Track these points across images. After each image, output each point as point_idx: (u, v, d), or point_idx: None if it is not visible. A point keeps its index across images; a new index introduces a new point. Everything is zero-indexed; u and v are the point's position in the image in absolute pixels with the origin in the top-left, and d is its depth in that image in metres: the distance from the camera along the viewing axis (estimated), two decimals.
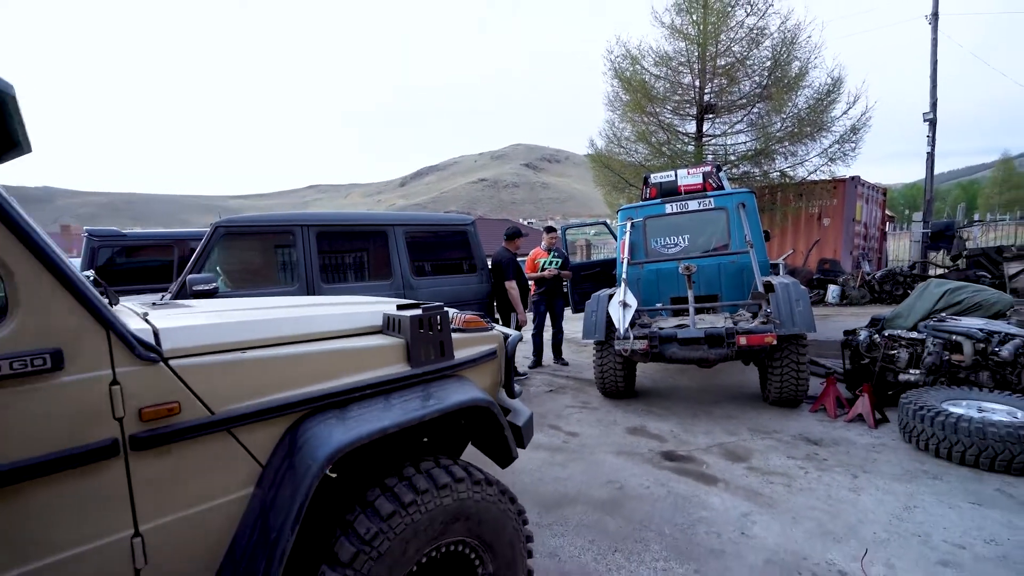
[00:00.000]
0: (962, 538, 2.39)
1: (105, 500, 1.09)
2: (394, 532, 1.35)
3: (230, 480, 1.27)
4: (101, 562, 1.08)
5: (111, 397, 1.09)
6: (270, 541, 1.21)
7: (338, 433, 1.32)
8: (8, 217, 0.99)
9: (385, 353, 1.59)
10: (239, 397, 1.27)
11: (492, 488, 1.62)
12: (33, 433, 1.01)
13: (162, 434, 1.15)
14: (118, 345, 1.11)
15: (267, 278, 4.47)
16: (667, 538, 2.51)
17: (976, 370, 4.01)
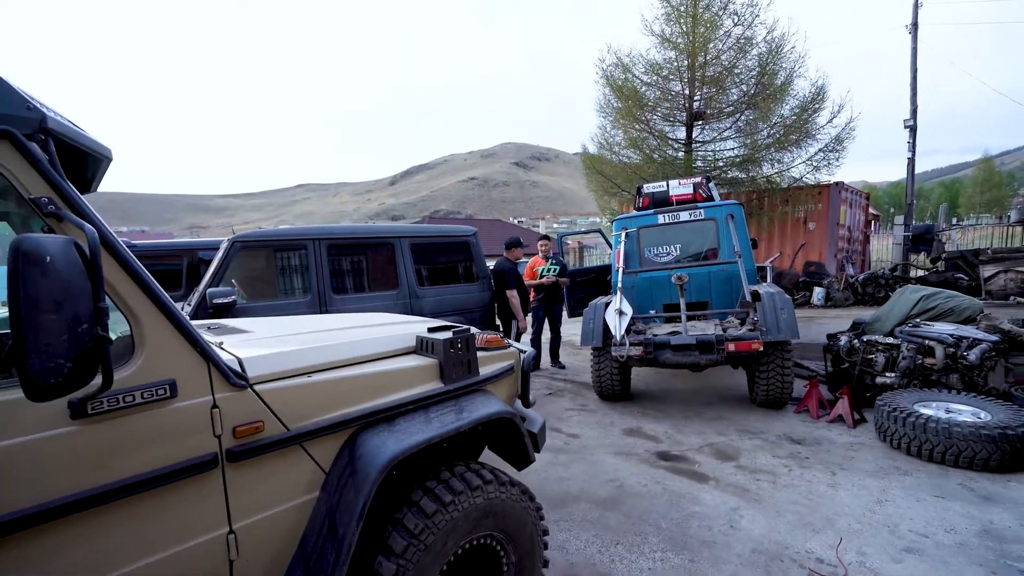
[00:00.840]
0: (926, 528, 2.68)
1: (209, 503, 1.32)
2: (437, 527, 1.59)
3: (301, 485, 1.50)
4: (205, 555, 1.31)
5: (212, 418, 1.32)
6: (338, 536, 1.44)
7: (391, 444, 1.55)
8: (135, 273, 1.21)
9: (423, 372, 1.83)
10: (308, 415, 1.50)
11: (515, 489, 1.86)
12: (156, 449, 1.23)
13: (251, 448, 1.37)
14: (216, 375, 1.33)
15: (281, 290, 4.66)
16: (664, 531, 2.77)
17: (947, 373, 4.33)
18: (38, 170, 1.10)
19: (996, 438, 3.20)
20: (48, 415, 1.10)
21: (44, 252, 0.90)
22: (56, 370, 0.92)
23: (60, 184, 1.12)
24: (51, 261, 0.91)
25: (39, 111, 1.13)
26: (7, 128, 1.07)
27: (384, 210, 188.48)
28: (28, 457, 1.07)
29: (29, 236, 0.90)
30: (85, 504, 1.12)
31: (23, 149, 1.08)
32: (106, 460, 1.16)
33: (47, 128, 1.15)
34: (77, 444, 1.13)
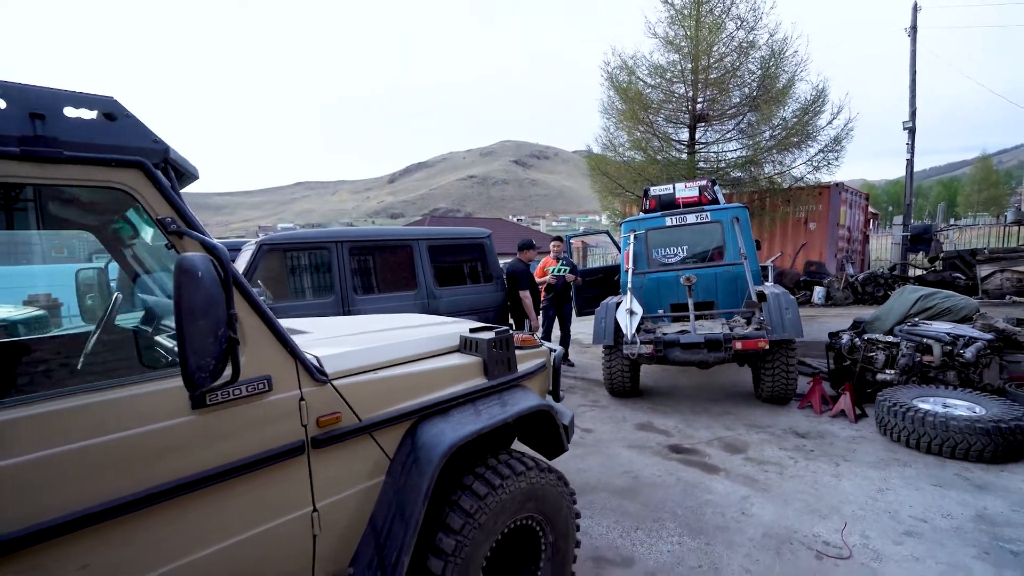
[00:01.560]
0: (924, 513, 2.88)
1: (297, 485, 1.50)
2: (489, 508, 1.78)
3: (370, 470, 1.68)
4: (295, 529, 1.49)
5: (300, 410, 1.50)
6: (406, 514, 1.62)
7: (450, 433, 1.74)
8: (237, 281, 1.39)
9: (470, 369, 2.01)
10: (376, 407, 1.68)
11: (552, 475, 2.05)
12: (256, 436, 1.41)
13: (331, 436, 1.55)
14: (303, 372, 1.51)
15: (306, 290, 4.84)
16: (679, 518, 2.96)
17: (944, 370, 4.53)
18: (163, 195, 1.28)
19: (990, 431, 3.39)
20: (174, 405, 1.28)
21: (196, 268, 1.08)
22: (205, 366, 1.10)
23: (181, 206, 1.31)
24: (201, 276, 1.09)
25: (163, 144, 1.31)
26: (140, 159, 1.25)
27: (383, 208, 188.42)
28: (160, 440, 1.25)
29: (187, 256, 1.09)
30: (203, 483, 1.30)
31: (152, 177, 1.27)
32: (218, 445, 1.34)
33: (168, 158, 1.33)
34: (196, 431, 1.31)
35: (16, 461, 1.05)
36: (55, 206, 1.89)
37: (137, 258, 2.17)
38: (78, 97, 1.19)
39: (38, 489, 1.07)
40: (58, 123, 1.15)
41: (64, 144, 1.15)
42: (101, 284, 2.76)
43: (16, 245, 4.41)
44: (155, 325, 2.13)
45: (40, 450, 1.08)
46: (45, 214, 1.93)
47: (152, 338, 1.90)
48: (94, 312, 2.88)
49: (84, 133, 1.18)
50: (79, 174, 1.19)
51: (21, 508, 1.05)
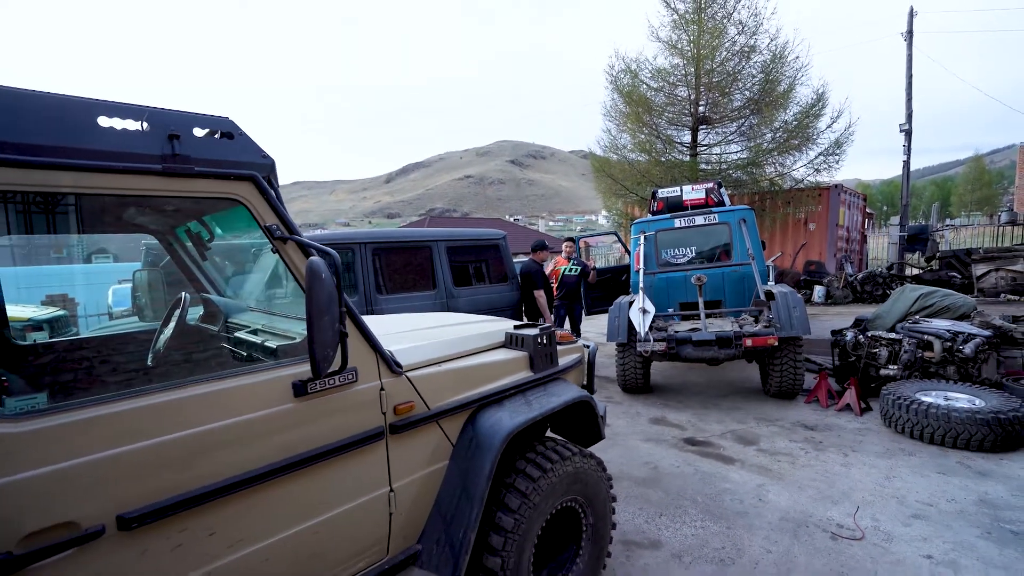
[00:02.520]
0: (930, 498, 3.07)
1: (378, 467, 1.66)
2: (541, 489, 1.94)
3: (437, 454, 1.84)
4: (376, 507, 1.65)
5: (380, 399, 1.66)
6: (471, 493, 1.79)
7: (507, 420, 1.90)
8: None
9: (517, 363, 2.18)
10: (442, 397, 1.85)
11: (593, 460, 2.22)
12: (346, 422, 1.57)
13: (406, 423, 1.72)
14: (382, 364, 1.68)
15: None
16: (700, 505, 3.14)
17: (944, 365, 4.73)
18: (271, 204, 1.44)
19: (990, 422, 3.59)
20: (280, 394, 1.43)
21: (321, 270, 1.24)
22: (328, 356, 1.27)
23: (286, 215, 1.47)
24: (325, 277, 1.25)
25: (270, 159, 1.47)
26: (253, 173, 1.41)
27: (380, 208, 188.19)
28: (267, 426, 1.40)
29: (315, 259, 1.25)
30: (301, 464, 1.46)
31: (261, 188, 1.42)
32: (314, 430, 1.50)
33: (272, 171, 1.49)
34: (297, 417, 1.47)
35: (144, 445, 1.18)
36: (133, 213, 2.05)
37: (197, 262, 2.31)
38: (204, 119, 1.35)
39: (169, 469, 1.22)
40: (189, 142, 1.31)
41: (194, 161, 1.31)
42: (159, 285, 2.90)
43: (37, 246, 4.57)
44: (222, 324, 2.29)
45: (164, 435, 1.21)
46: (119, 219, 2.08)
47: (231, 335, 2.05)
48: (146, 311, 3.02)
49: (209, 150, 1.35)
50: (204, 187, 1.35)
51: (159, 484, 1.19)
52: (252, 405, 1.38)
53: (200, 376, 1.34)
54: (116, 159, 1.20)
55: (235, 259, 2.43)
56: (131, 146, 1.22)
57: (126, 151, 1.22)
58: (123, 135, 1.22)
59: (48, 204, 1.70)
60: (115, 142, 1.21)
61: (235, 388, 1.36)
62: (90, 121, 1.17)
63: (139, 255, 3.66)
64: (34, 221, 1.77)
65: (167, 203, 1.85)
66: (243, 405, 1.36)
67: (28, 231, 1.78)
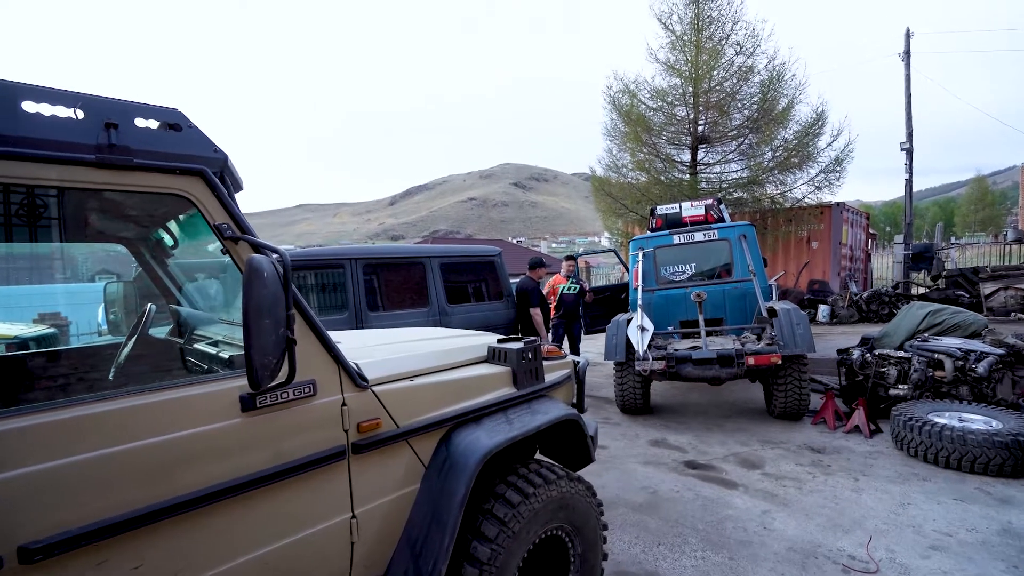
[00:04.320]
0: (948, 527, 2.86)
1: (338, 490, 1.51)
2: (522, 516, 1.78)
3: (406, 477, 1.69)
4: (334, 535, 1.50)
5: (342, 415, 1.52)
6: (442, 521, 1.63)
7: (485, 440, 1.75)
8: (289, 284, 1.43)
9: (500, 378, 2.03)
10: (413, 414, 1.70)
11: (581, 485, 2.05)
12: (301, 440, 1.43)
13: (371, 442, 1.57)
14: (345, 377, 1.54)
15: (320, 306, 4.87)
16: (701, 533, 2.93)
17: (957, 385, 4.53)
18: (221, 202, 1.33)
19: (1009, 444, 3.38)
20: (225, 408, 1.30)
21: (263, 269, 1.12)
22: (268, 364, 1.14)
23: (237, 213, 1.35)
24: (267, 276, 1.13)
25: (223, 153, 1.37)
26: (202, 168, 1.30)
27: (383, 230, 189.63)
28: (209, 443, 1.26)
29: (255, 256, 1.13)
30: (248, 486, 1.31)
31: (211, 184, 1.32)
32: (264, 448, 1.36)
33: (226, 167, 1.38)
34: (244, 433, 1.33)
35: (59, 464, 1.04)
36: (96, 218, 1.94)
37: (170, 271, 2.20)
38: (148, 108, 1.25)
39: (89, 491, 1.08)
40: (129, 132, 1.21)
41: (135, 152, 1.21)
42: (129, 297, 2.79)
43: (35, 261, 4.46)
44: (188, 335, 2.16)
45: (87, 452, 1.08)
46: (86, 226, 1.97)
47: (192, 346, 1.93)
48: (118, 325, 2.90)
49: (152, 142, 1.24)
50: (146, 181, 1.24)
51: (74, 509, 1.06)
52: (192, 420, 1.25)
53: (129, 388, 1.21)
54: (43, 148, 1.10)
55: (204, 267, 2.32)
56: (61, 134, 1.12)
57: (55, 139, 1.12)
58: (52, 122, 1.12)
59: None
60: (42, 129, 1.10)
61: (170, 401, 1.22)
62: (11, 105, 1.07)
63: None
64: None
65: (124, 206, 1.74)
66: (180, 420, 1.23)
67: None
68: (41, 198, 1.52)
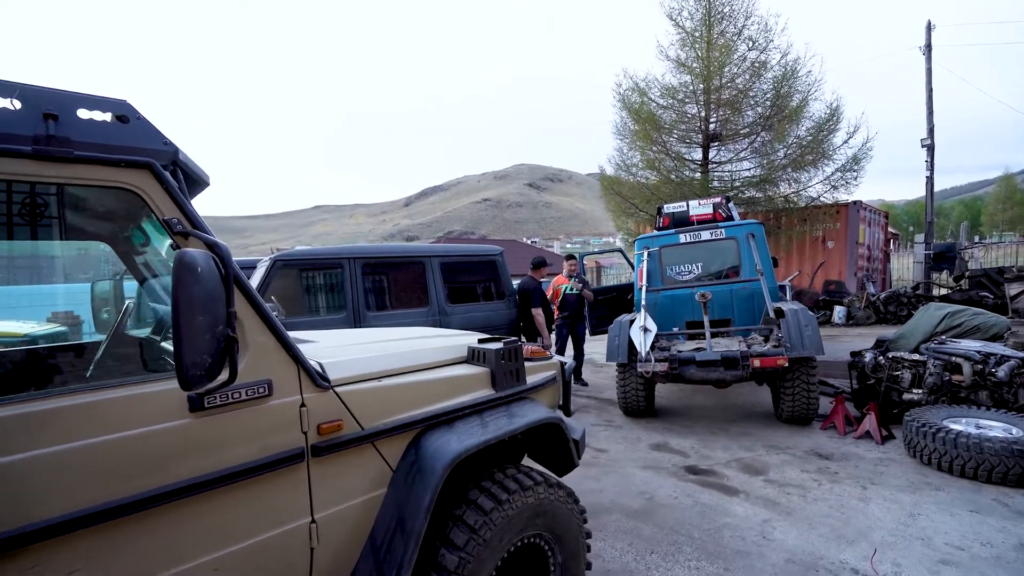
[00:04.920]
0: (961, 541, 2.70)
1: (296, 494, 1.45)
2: (494, 524, 1.71)
3: (372, 481, 1.63)
4: (291, 541, 1.44)
5: (300, 416, 1.47)
6: (407, 528, 1.56)
7: (454, 444, 1.68)
8: (241, 283, 1.38)
9: (477, 380, 1.97)
10: (380, 416, 1.64)
11: (561, 491, 1.97)
12: (255, 442, 1.38)
13: (332, 444, 1.52)
14: (304, 377, 1.49)
15: (318, 306, 4.86)
16: (697, 541, 2.83)
17: (975, 389, 4.33)
18: (171, 196, 1.29)
19: None
20: (171, 408, 1.25)
21: (197, 263, 1.07)
22: (201, 364, 1.08)
23: (187, 207, 1.31)
24: (201, 271, 1.08)
25: (173, 146, 1.32)
26: (149, 160, 1.26)
27: (399, 231, 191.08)
28: (155, 444, 1.22)
29: (187, 251, 1.08)
30: (198, 488, 1.27)
31: (160, 178, 1.27)
32: (215, 450, 1.31)
33: (177, 160, 1.34)
34: (193, 434, 1.28)
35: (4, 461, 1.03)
36: (73, 215, 1.92)
37: (148, 267, 2.18)
38: (91, 99, 1.21)
39: (29, 489, 1.05)
40: (71, 124, 1.17)
41: (76, 145, 1.17)
42: (115, 296, 2.79)
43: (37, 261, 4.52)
44: (163, 333, 2.14)
45: (33, 449, 1.06)
46: (65, 224, 1.96)
47: (159, 344, 1.90)
48: (107, 323, 2.91)
49: (96, 134, 1.20)
50: (89, 174, 1.20)
51: (10, 508, 1.03)
52: (137, 420, 1.21)
53: (71, 387, 1.17)
54: None
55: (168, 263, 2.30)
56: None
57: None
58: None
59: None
60: None
61: (114, 400, 1.18)
62: None
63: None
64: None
65: (96, 203, 1.72)
66: (125, 420, 1.19)
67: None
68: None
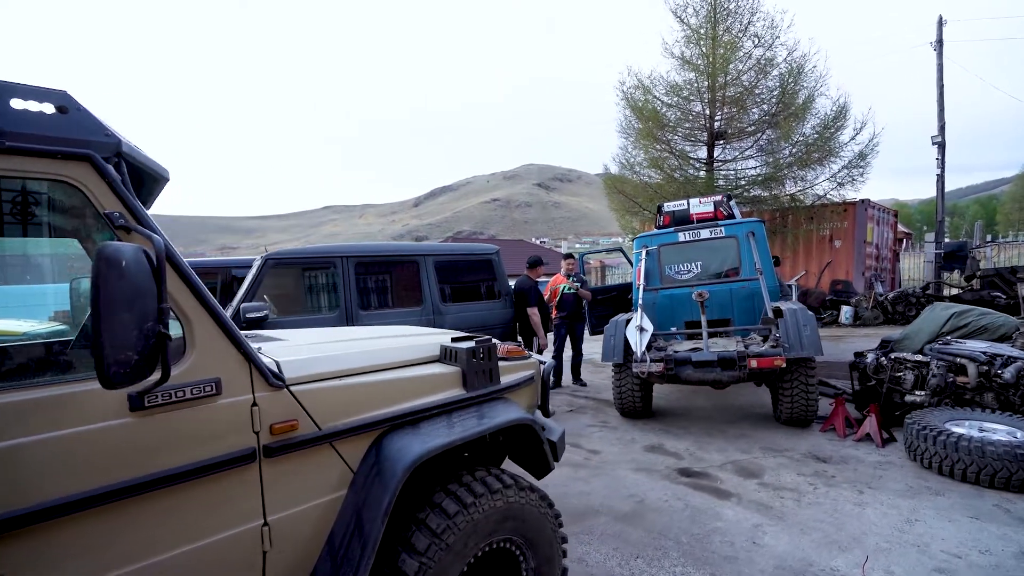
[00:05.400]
0: (958, 548, 2.60)
1: (246, 496, 1.41)
2: (458, 528, 1.65)
3: (330, 483, 1.58)
4: (241, 544, 1.40)
5: (252, 416, 1.42)
6: (364, 532, 1.52)
7: (416, 445, 1.64)
8: (190, 281, 1.34)
9: (447, 379, 1.92)
10: (339, 416, 1.60)
11: (534, 494, 1.92)
12: (200, 443, 1.34)
13: (286, 445, 1.47)
14: (256, 375, 1.45)
15: (311, 306, 4.84)
16: (684, 546, 2.75)
17: (980, 392, 4.20)
18: (112, 189, 1.25)
19: None
20: (109, 407, 1.22)
21: (121, 257, 1.03)
22: (125, 361, 1.04)
23: (130, 201, 1.27)
24: (126, 265, 1.04)
25: (115, 137, 1.29)
26: (89, 152, 1.22)
27: (408, 231, 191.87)
28: (92, 444, 1.18)
29: (109, 243, 1.04)
30: (139, 489, 1.23)
31: (101, 170, 1.23)
32: (158, 450, 1.27)
33: (121, 152, 1.30)
34: (134, 434, 1.24)
35: None
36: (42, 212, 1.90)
37: None
38: (28, 89, 1.18)
39: None
40: (5, 114, 1.14)
41: (9, 135, 1.13)
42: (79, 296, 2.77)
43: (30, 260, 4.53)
44: None
45: None
46: (37, 221, 1.94)
47: None
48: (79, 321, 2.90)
49: (32, 125, 1.16)
50: (24, 166, 1.16)
51: None
52: (76, 418, 1.17)
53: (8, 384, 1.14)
54: None
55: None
56: None
57: None
58: None
59: None
60: None
61: (50, 399, 1.15)
62: None
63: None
64: None
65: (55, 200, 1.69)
66: (63, 418, 1.15)
67: None
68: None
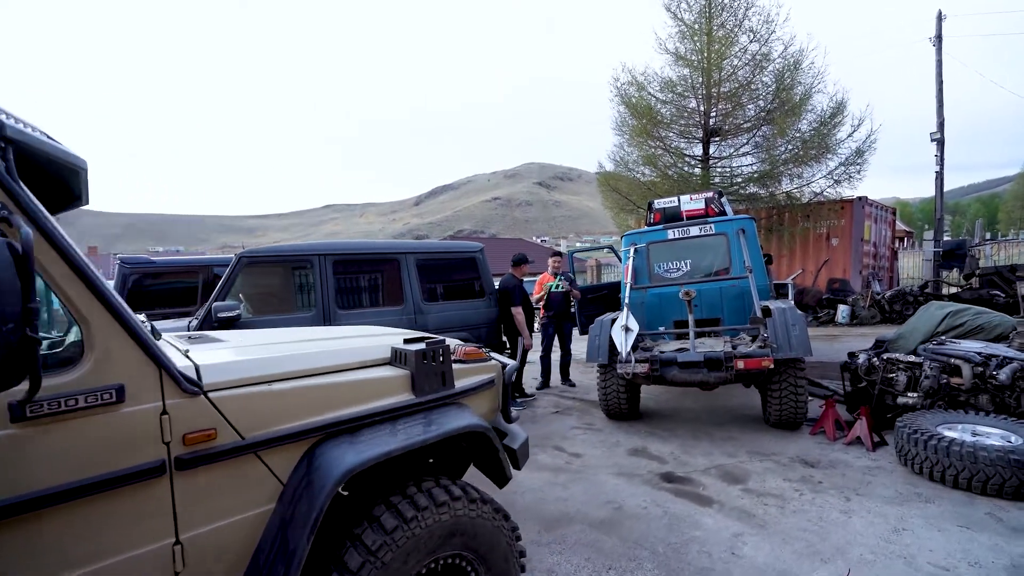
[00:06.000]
0: (947, 560, 2.48)
1: (153, 512, 1.29)
2: (397, 544, 1.53)
3: (256, 496, 1.46)
4: (148, 565, 1.28)
5: (161, 425, 1.30)
6: (289, 551, 1.40)
7: (350, 456, 1.51)
8: (86, 277, 1.22)
9: (392, 383, 1.79)
10: (265, 424, 1.48)
11: (487, 506, 1.79)
12: (98, 455, 1.22)
13: (201, 456, 1.35)
14: (167, 381, 1.32)
15: (287, 305, 4.72)
16: (659, 556, 2.63)
17: (975, 393, 4.07)
18: None
19: None
20: None
21: None
22: None
23: (14, 189, 1.14)
24: None
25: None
26: None
27: (409, 230, 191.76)
28: None
29: None
30: (23, 508, 1.11)
31: None
32: (47, 464, 1.15)
33: (6, 136, 1.18)
34: (15, 447, 1.12)
35: None
36: None
37: None
38: None
39: None
40: None
41: None
42: None
43: None
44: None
45: None
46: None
47: None
48: None
49: None
50: None
51: None
52: None
53: None
54: None
55: None
56: None
57: None
58: None
59: None
60: None
61: None
62: None
63: None
64: None
65: None
66: None
67: None
68: None
